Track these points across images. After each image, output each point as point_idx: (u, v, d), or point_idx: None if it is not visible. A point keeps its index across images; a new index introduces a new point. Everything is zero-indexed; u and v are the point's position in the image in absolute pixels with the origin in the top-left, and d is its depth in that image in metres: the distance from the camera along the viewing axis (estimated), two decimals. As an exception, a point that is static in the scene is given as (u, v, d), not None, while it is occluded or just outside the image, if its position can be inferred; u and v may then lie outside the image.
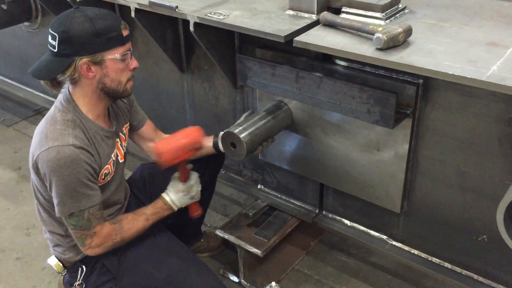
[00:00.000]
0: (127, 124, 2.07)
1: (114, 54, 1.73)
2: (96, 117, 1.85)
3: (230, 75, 2.31)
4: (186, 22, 2.09)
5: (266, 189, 2.57)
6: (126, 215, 1.96)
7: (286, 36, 1.80)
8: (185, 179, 2.06)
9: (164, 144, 1.97)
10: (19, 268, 2.61)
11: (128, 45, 1.78)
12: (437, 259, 2.09)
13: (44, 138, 1.74)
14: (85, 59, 1.70)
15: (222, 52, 2.22)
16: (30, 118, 3.93)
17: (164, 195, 2.04)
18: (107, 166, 1.88)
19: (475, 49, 1.64)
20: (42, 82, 1.82)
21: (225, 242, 2.60)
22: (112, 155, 1.92)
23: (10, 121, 3.91)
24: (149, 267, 1.96)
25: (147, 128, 2.19)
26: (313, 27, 1.87)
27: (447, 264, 2.07)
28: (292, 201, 2.48)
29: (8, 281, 2.53)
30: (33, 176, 1.86)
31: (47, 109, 3.86)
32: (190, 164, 2.09)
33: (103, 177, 1.88)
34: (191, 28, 2.04)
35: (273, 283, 2.17)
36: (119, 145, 1.99)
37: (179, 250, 2.05)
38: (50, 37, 1.72)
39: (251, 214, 2.48)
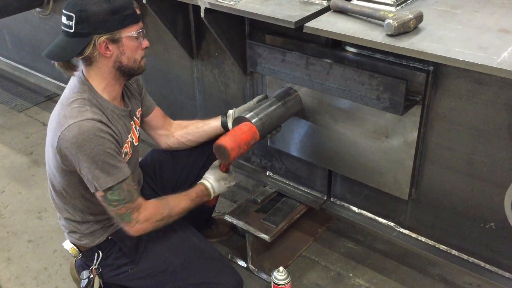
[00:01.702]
0: (140, 109, 2.08)
1: (130, 32, 1.75)
2: (112, 98, 1.86)
3: (240, 62, 2.31)
4: (197, 8, 2.10)
5: (275, 176, 2.59)
6: (170, 195, 1.96)
7: (296, 22, 1.80)
8: (227, 169, 2.10)
9: (231, 140, 1.92)
10: (31, 250, 2.66)
11: (141, 24, 1.80)
12: (444, 246, 2.10)
13: (63, 118, 1.74)
14: (103, 37, 1.70)
15: (232, 39, 2.23)
16: (41, 104, 3.97)
17: (204, 181, 2.05)
18: (125, 145, 1.89)
19: (486, 36, 1.63)
20: (56, 65, 1.81)
21: (233, 228, 2.63)
22: (129, 136, 1.94)
23: (21, 106, 3.95)
24: (166, 252, 1.99)
25: (156, 115, 2.19)
26: (323, 13, 1.87)
27: (454, 251, 2.08)
28: (300, 187, 2.50)
29: (20, 263, 2.58)
30: (51, 161, 1.86)
31: (58, 95, 3.91)
32: None
33: (123, 156, 1.88)
34: (202, 14, 2.05)
35: (281, 268, 2.20)
36: (134, 128, 2.00)
37: (195, 237, 2.09)
38: (65, 18, 1.72)
39: (259, 200, 2.50)
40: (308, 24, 1.78)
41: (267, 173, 2.61)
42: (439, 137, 1.90)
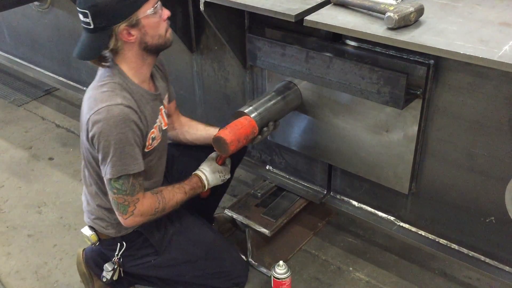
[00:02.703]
0: (167, 94, 2.08)
1: (146, 11, 1.73)
2: (141, 82, 1.86)
3: (240, 56, 2.30)
4: (196, 2, 2.09)
5: (275, 170, 2.58)
6: (165, 187, 1.98)
7: (296, 16, 1.78)
8: (222, 163, 2.10)
9: (230, 134, 1.92)
10: (30, 245, 2.66)
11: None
12: (444, 241, 2.10)
13: (93, 101, 1.76)
14: (123, 26, 1.70)
15: (232, 32, 2.22)
16: (40, 98, 3.96)
17: (199, 173, 2.06)
18: (153, 130, 1.90)
19: (487, 29, 1.62)
20: (90, 62, 1.82)
21: (234, 224, 2.63)
22: (157, 120, 1.94)
23: (20, 101, 3.94)
24: (190, 244, 2.05)
25: (172, 105, 2.20)
26: (324, 6, 1.86)
27: (454, 246, 2.08)
28: (300, 182, 2.49)
29: (20, 258, 2.58)
30: (85, 146, 1.86)
31: (58, 89, 3.91)
32: None
33: (150, 141, 1.89)
34: (201, 8, 2.03)
35: (281, 262, 2.20)
36: (163, 112, 2.00)
37: (211, 229, 2.17)
38: (82, 16, 1.71)
39: (259, 194, 2.50)
40: (308, 18, 1.77)
41: (267, 167, 2.61)
42: (440, 131, 1.89)
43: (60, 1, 3.11)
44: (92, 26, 1.70)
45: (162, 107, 1.99)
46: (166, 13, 1.81)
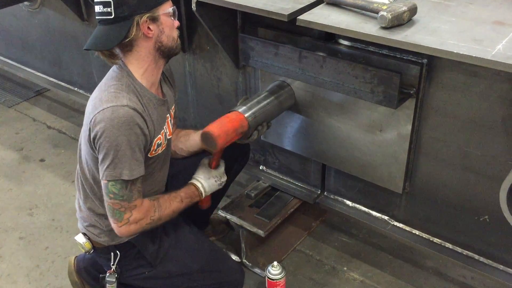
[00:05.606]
0: (174, 106, 2.05)
1: (166, 9, 1.74)
2: (150, 85, 1.83)
3: (233, 55, 2.29)
4: (188, 1, 2.07)
5: (268, 170, 2.57)
6: (161, 194, 1.93)
7: (289, 15, 1.78)
8: (216, 165, 2.06)
9: (217, 128, 1.90)
10: (22, 247, 2.63)
11: (171, 1, 1.78)
12: (438, 240, 2.10)
13: (99, 101, 1.72)
14: (145, 17, 1.68)
15: (224, 32, 2.21)
16: (31, 99, 3.92)
17: (194, 181, 2.01)
18: (159, 136, 1.86)
19: (481, 28, 1.62)
20: (101, 55, 1.78)
21: (228, 225, 2.61)
22: (164, 127, 1.91)
23: (11, 102, 3.90)
24: (186, 257, 2.01)
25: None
26: (316, 5, 1.85)
27: (448, 245, 2.08)
28: (294, 182, 2.49)
29: (11, 261, 2.55)
30: (84, 147, 1.83)
31: (48, 90, 3.88)
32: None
33: (155, 147, 1.85)
34: (193, 7, 2.02)
35: (275, 263, 2.19)
36: (169, 121, 1.97)
37: (208, 240, 2.15)
38: (101, 7, 1.68)
39: (253, 195, 2.49)
40: (301, 17, 1.76)
41: (260, 168, 2.60)
42: (433, 130, 1.89)
43: (50, 1, 3.08)
44: (112, 16, 1.67)
45: (168, 115, 1.96)
46: (177, 22, 1.82)
